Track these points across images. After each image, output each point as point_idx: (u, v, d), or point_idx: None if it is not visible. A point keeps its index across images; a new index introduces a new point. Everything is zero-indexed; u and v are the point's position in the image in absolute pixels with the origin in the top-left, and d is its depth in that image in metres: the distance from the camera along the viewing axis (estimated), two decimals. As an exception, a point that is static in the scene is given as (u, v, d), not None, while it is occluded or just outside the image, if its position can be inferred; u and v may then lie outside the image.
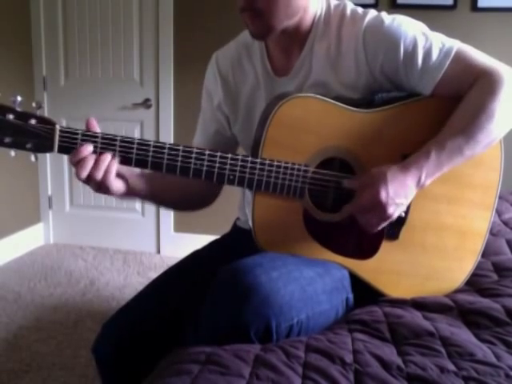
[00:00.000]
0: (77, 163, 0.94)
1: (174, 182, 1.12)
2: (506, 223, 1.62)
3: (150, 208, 3.18)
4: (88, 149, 0.93)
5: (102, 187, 0.97)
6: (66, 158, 3.52)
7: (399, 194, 0.96)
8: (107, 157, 0.95)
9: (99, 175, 0.95)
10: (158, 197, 1.15)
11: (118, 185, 1.00)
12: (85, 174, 0.94)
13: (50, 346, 2.07)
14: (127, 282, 2.74)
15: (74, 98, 3.11)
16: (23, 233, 3.15)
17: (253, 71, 1.16)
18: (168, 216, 3.17)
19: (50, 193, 3.30)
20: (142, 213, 3.23)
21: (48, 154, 3.20)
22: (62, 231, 3.34)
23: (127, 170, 1.01)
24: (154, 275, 1.27)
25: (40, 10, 3.07)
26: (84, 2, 3.01)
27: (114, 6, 2.99)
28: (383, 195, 0.94)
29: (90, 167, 0.94)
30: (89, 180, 0.95)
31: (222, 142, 1.23)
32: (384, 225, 0.99)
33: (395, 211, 0.97)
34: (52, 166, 3.26)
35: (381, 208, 0.95)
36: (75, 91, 3.12)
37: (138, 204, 3.20)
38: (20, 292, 2.58)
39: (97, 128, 0.96)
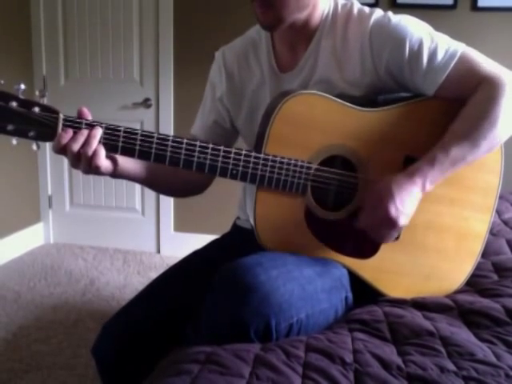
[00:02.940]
0: (70, 140, 0.92)
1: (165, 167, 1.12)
2: (506, 223, 1.62)
3: (150, 208, 3.18)
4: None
5: (91, 166, 0.95)
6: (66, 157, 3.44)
7: (407, 204, 0.97)
8: (98, 131, 0.93)
9: (90, 151, 0.92)
10: (150, 179, 1.13)
11: (106, 164, 0.98)
12: (76, 147, 0.92)
13: (50, 346, 2.06)
14: (127, 281, 2.74)
15: (74, 98, 3.09)
16: (23, 232, 3.15)
17: (259, 68, 1.17)
18: (168, 216, 3.16)
19: (49, 192, 3.30)
20: (142, 212, 3.22)
21: (48, 154, 3.21)
22: (62, 231, 3.34)
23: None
24: (154, 275, 1.27)
25: (40, 10, 3.06)
26: (84, 2, 3.01)
27: (113, 6, 2.98)
28: (393, 211, 0.95)
29: (82, 142, 0.92)
30: (79, 156, 0.93)
31: (219, 134, 1.24)
32: (396, 235, 1.01)
33: (405, 221, 0.98)
34: (52, 165, 3.26)
35: (392, 222, 0.97)
36: (75, 91, 3.12)
37: (138, 204, 3.20)
38: (20, 292, 2.57)
39: (89, 116, 0.95)
